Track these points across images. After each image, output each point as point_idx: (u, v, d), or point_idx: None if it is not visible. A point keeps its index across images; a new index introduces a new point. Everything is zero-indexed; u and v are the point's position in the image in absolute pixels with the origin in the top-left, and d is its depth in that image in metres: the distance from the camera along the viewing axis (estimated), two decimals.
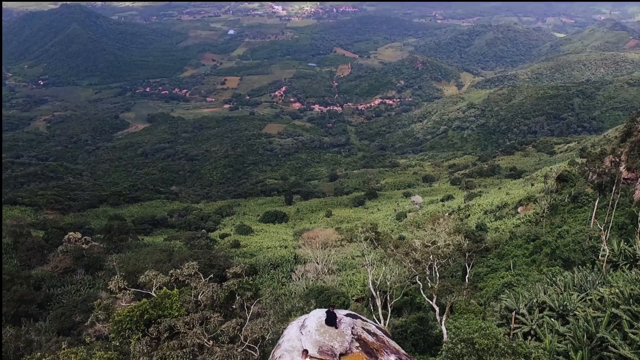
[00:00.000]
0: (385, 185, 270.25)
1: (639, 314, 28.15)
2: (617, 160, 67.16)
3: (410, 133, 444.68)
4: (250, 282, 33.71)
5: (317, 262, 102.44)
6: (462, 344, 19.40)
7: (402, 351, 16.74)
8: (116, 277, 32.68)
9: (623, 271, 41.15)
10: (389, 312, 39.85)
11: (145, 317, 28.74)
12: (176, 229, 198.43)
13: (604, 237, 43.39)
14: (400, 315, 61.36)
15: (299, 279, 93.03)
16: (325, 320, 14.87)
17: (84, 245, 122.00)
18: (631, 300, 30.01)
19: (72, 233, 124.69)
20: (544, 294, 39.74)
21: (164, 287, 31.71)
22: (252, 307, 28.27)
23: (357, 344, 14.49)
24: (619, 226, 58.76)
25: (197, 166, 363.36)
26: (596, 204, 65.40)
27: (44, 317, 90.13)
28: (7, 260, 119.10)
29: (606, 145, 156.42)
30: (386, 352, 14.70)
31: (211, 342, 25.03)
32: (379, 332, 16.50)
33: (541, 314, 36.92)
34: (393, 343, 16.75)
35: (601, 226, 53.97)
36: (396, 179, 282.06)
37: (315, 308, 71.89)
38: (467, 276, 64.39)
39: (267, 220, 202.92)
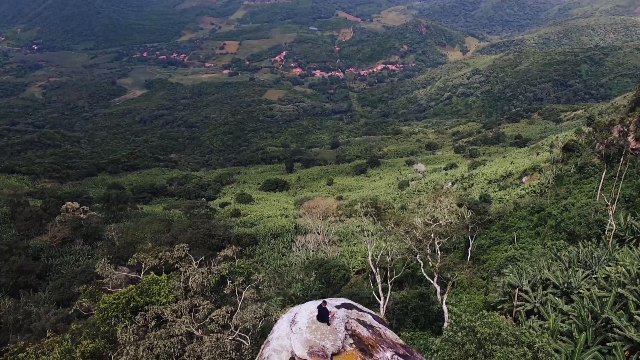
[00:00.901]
0: (388, 152, 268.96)
1: None
2: (626, 130, 65.97)
3: (414, 99, 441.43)
4: (242, 265, 32.89)
5: (317, 233, 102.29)
6: (463, 331, 18.89)
7: (400, 341, 16.16)
8: (103, 260, 31.92)
9: (630, 247, 40.63)
10: (389, 287, 39.47)
11: (131, 305, 27.99)
12: (176, 198, 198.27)
13: (610, 211, 42.70)
14: (401, 288, 61.35)
15: (299, 250, 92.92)
16: (317, 316, 14.24)
17: (82, 215, 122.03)
18: (638, 280, 29.46)
19: (69, 203, 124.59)
20: (548, 270, 39.31)
21: (152, 273, 30.98)
22: (244, 292, 27.53)
23: (351, 340, 13.90)
24: (625, 198, 58.02)
25: (196, 133, 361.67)
26: (603, 176, 64.55)
27: (43, 287, 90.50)
28: (5, 230, 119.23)
29: (614, 113, 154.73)
30: (382, 347, 14.11)
31: (200, 330, 24.50)
32: (375, 324, 15.91)
33: (545, 292, 36.54)
34: (390, 334, 16.16)
35: (607, 199, 53.21)
36: (399, 146, 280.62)
37: (315, 280, 72.03)
38: (469, 249, 64.06)
39: (267, 189, 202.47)
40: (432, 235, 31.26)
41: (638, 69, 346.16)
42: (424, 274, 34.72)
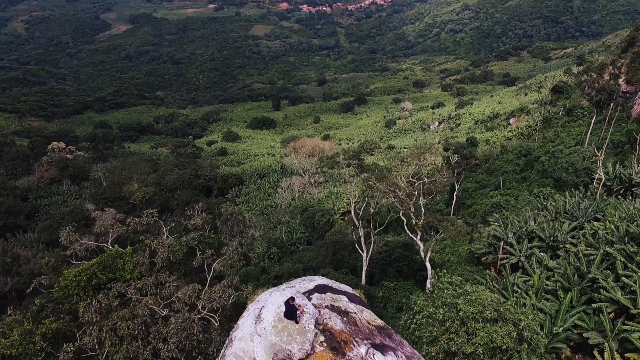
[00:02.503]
0: (375, 90, 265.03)
1: (634, 255, 26.39)
2: (617, 72, 63.80)
3: (402, 36, 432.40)
4: (212, 236, 31.00)
5: (303, 174, 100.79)
6: (445, 308, 17.56)
7: (378, 322, 14.75)
8: (67, 228, 29.74)
9: (617, 198, 39.43)
10: (373, 239, 38.20)
11: (93, 282, 26.43)
12: (163, 136, 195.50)
13: (599, 161, 41.20)
14: (386, 233, 60.47)
15: (285, 192, 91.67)
16: (284, 313, 12.62)
17: (68, 155, 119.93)
18: (626, 238, 28.21)
19: (55, 143, 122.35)
20: (534, 222, 38.13)
21: (116, 245, 28.90)
22: (213, 265, 25.69)
23: (322, 338, 12.41)
24: (614, 144, 56.64)
25: (182, 70, 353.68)
26: (592, 122, 62.76)
27: (33, 228, 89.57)
28: None
29: (605, 52, 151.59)
30: (356, 341, 12.66)
31: (167, 310, 22.87)
32: (350, 307, 14.40)
33: (530, 245, 35.43)
34: (367, 316, 14.70)
35: (596, 146, 51.77)
36: (386, 83, 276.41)
37: (300, 224, 71.01)
38: (455, 193, 62.90)
39: (254, 127, 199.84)
40: (416, 193, 29.67)
41: (632, 5, 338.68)
42: (407, 232, 33.29)
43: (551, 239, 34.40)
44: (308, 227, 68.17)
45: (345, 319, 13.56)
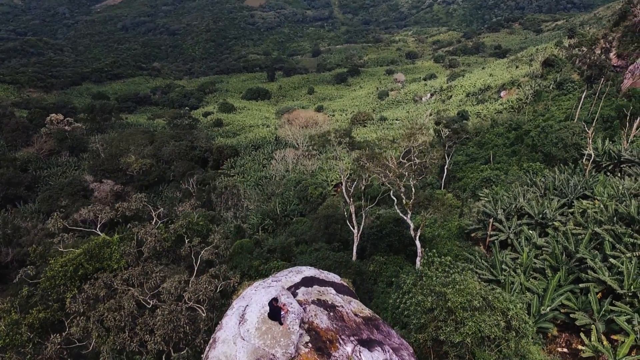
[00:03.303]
0: (368, 61, 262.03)
1: (622, 236, 25.77)
2: (608, 46, 62.45)
3: (395, 7, 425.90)
4: (200, 222, 29.96)
5: (296, 145, 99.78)
6: (433, 296, 16.92)
7: (366, 312, 14.08)
8: (55, 215, 28.63)
9: (606, 174, 38.77)
10: (364, 215, 37.54)
11: (80, 273, 25.45)
12: (159, 107, 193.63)
13: (589, 138, 40.34)
14: (378, 205, 59.87)
15: (279, 163, 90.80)
16: (269, 314, 11.89)
17: (66, 127, 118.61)
18: (615, 218, 27.58)
19: (53, 115, 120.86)
20: (523, 198, 37.47)
21: (103, 234, 27.82)
22: (201, 252, 24.78)
23: (307, 338, 11.73)
24: (604, 119, 55.66)
25: (178, 41, 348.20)
26: (583, 96, 61.62)
27: (33, 199, 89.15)
28: None
29: (596, 24, 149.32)
30: (342, 339, 12.01)
31: (154, 300, 22.01)
32: (337, 300, 13.71)
33: (519, 222, 34.83)
34: (354, 307, 14.03)
35: (586, 118, 50.88)
36: (379, 55, 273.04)
37: (294, 196, 70.30)
38: (446, 167, 62.16)
39: (249, 98, 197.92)
40: (406, 173, 28.85)
41: None
42: (398, 212, 32.57)
43: (540, 216, 33.82)
44: (301, 199, 67.52)
45: (332, 314, 12.88)
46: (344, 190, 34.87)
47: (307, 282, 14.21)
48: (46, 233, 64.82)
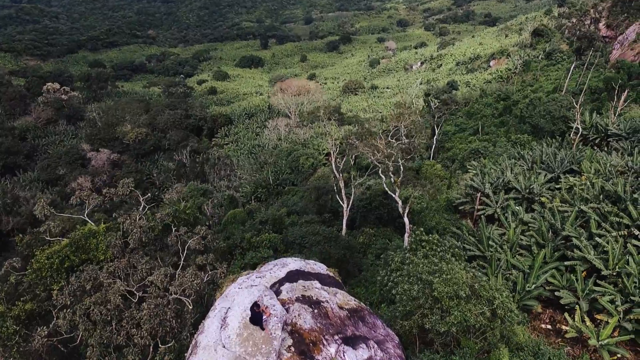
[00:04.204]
0: (360, 29, 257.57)
1: (608, 215, 25.11)
2: (598, 16, 60.83)
3: None
4: (187, 210, 28.85)
5: (289, 114, 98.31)
6: (419, 284, 16.24)
7: (352, 303, 13.45)
8: (42, 201, 27.42)
9: (593, 148, 38.04)
10: (353, 192, 36.73)
11: (66, 265, 24.63)
12: (155, 75, 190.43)
13: (577, 113, 39.38)
14: (369, 175, 59.09)
15: (271, 132, 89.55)
16: (250, 318, 11.13)
17: (63, 96, 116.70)
18: (601, 196, 26.88)
19: (50, 84, 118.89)
20: (511, 172, 36.74)
21: (89, 224, 26.65)
22: (189, 241, 23.71)
23: (290, 341, 11.06)
24: (592, 90, 54.56)
25: (172, 8, 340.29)
26: (572, 67, 60.28)
27: (32, 167, 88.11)
28: None
29: None
30: (326, 339, 11.34)
31: (140, 291, 21.11)
32: (323, 295, 13.02)
33: (506, 196, 34.16)
34: (340, 300, 13.39)
35: (574, 89, 49.79)
36: (371, 22, 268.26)
37: (286, 166, 69.30)
38: (435, 137, 61.21)
39: (243, 65, 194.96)
40: (395, 152, 27.94)
41: None
42: (386, 189, 31.77)
43: (527, 191, 33.15)
44: (293, 169, 66.62)
45: (316, 311, 12.18)
46: (333, 167, 33.94)
47: (292, 276, 13.48)
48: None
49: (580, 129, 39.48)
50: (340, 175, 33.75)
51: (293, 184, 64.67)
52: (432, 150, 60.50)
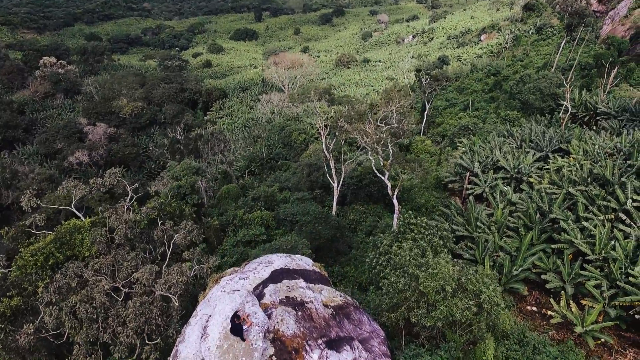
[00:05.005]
0: (353, 2, 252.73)
1: (595, 198, 24.41)
2: None
3: None
4: (173, 204, 27.70)
5: (282, 87, 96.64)
6: (406, 277, 15.54)
7: (338, 300, 12.82)
8: (28, 192, 26.18)
9: (582, 127, 37.18)
10: (343, 170, 35.88)
11: (50, 262, 23.94)
12: (151, 48, 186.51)
13: (567, 93, 38.30)
14: (361, 151, 58.17)
15: (265, 107, 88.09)
16: (231, 329, 10.41)
17: (60, 70, 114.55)
18: (589, 179, 26.11)
19: (47, 58, 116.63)
20: (500, 151, 35.92)
21: (73, 219, 25.47)
22: (175, 236, 22.63)
23: (272, 350, 10.43)
24: (582, 66, 53.25)
25: None
26: (562, 43, 58.72)
27: (31, 141, 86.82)
28: None
29: None
30: (309, 345, 10.74)
31: (126, 288, 20.22)
32: (307, 295, 12.38)
33: (495, 175, 33.44)
34: (325, 297, 12.83)
35: (564, 65, 48.54)
36: None
37: (278, 141, 68.12)
38: (425, 112, 60.08)
39: (237, 38, 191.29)
40: (384, 136, 26.97)
41: None
42: (375, 171, 30.89)
43: (515, 170, 32.40)
44: (285, 145, 65.54)
45: (300, 313, 11.50)
46: (324, 147, 32.95)
47: (276, 276, 12.76)
48: (43, 178, 63.07)
49: (570, 108, 38.48)
50: (331, 155, 32.79)
51: (286, 158, 63.69)
52: (423, 125, 59.45)
